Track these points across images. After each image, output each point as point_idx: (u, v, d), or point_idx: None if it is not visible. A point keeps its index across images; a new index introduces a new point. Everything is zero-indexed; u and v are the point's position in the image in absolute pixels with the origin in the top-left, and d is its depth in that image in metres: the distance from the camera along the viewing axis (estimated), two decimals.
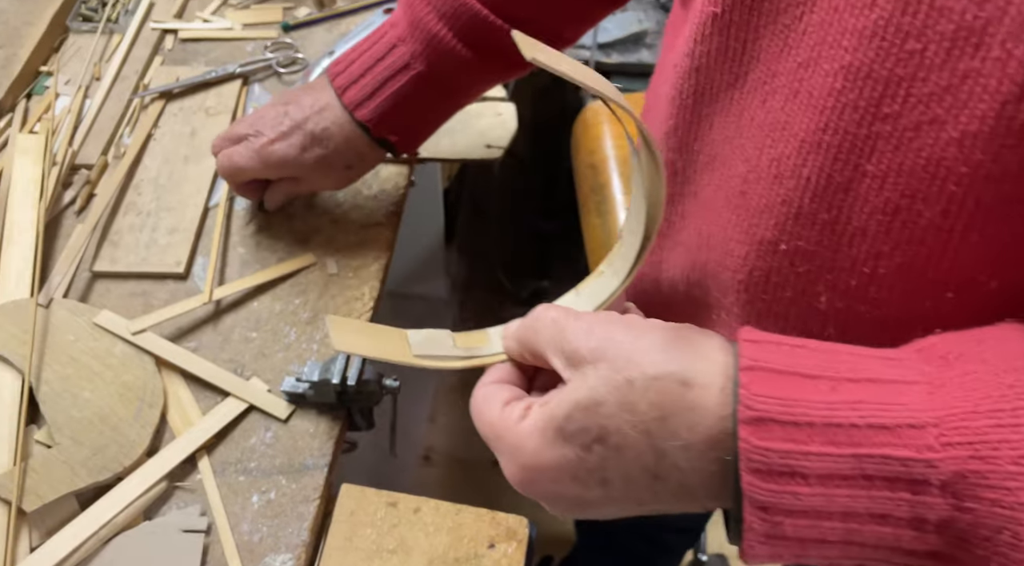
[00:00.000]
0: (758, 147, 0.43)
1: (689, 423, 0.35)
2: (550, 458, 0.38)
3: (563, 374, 0.40)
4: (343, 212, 0.85)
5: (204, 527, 0.63)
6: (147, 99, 0.93)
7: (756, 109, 0.43)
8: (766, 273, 0.45)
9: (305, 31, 1.03)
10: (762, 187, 0.44)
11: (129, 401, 0.69)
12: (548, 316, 0.42)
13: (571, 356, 0.39)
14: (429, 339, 0.46)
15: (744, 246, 0.46)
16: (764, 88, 0.43)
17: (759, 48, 0.42)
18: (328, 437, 0.69)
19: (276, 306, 0.77)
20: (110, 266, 0.78)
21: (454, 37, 0.66)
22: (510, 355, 0.45)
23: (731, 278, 0.48)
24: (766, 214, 0.44)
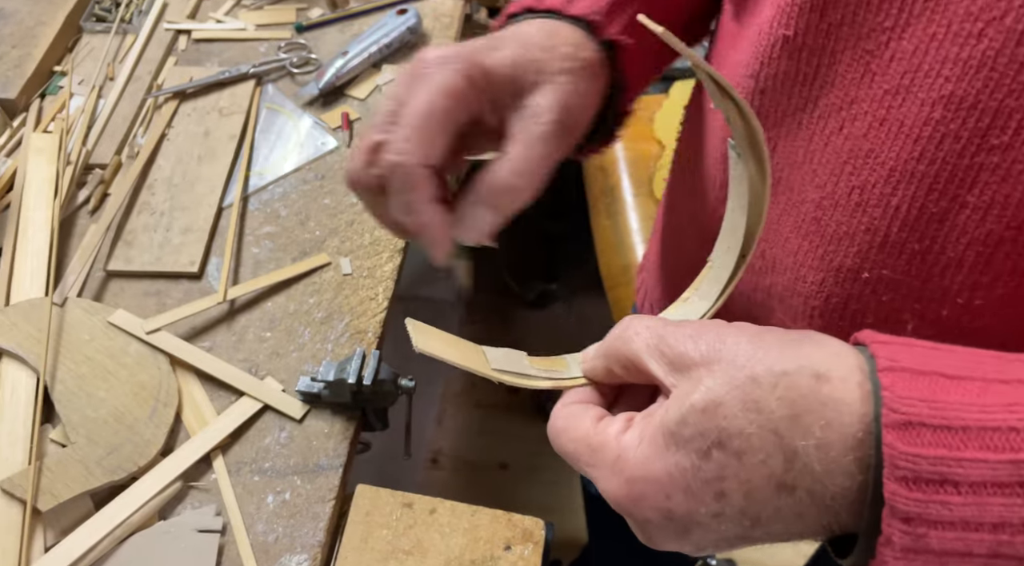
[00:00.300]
0: (835, 174, 0.43)
1: (825, 420, 0.32)
2: (661, 468, 0.34)
3: (665, 381, 0.36)
4: (357, 212, 0.84)
5: (219, 527, 0.63)
6: (161, 99, 0.93)
7: (831, 135, 0.43)
8: (844, 300, 0.44)
9: (318, 32, 1.03)
10: (840, 214, 0.43)
11: (144, 400, 0.68)
12: (641, 324, 0.38)
13: (677, 361, 0.36)
14: (507, 357, 0.44)
15: (819, 272, 0.45)
16: (841, 114, 0.42)
17: (835, 73, 0.41)
18: (343, 437, 0.69)
19: (290, 306, 0.77)
20: (124, 265, 0.78)
21: None
22: (593, 377, 0.42)
23: (803, 304, 0.47)
24: (846, 241, 0.43)
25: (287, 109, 0.94)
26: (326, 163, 0.89)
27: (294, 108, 0.94)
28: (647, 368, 0.37)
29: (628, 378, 0.40)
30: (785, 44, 0.42)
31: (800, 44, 0.42)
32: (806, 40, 0.41)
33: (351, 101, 0.95)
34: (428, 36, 1.04)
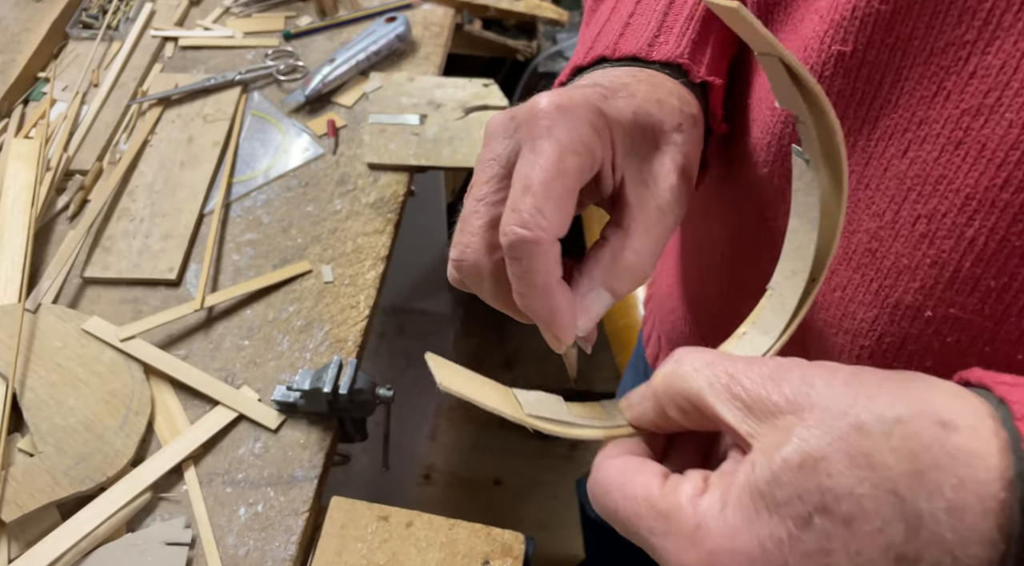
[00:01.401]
0: (896, 201, 0.39)
1: (957, 477, 0.26)
2: (751, 539, 0.28)
3: (739, 429, 0.31)
4: (340, 220, 0.83)
5: (188, 540, 0.61)
6: (145, 105, 0.92)
7: (892, 159, 0.38)
8: (901, 340, 0.40)
9: (306, 39, 1.02)
10: (901, 246, 0.39)
11: (115, 409, 0.67)
12: (699, 358, 0.33)
13: (755, 405, 0.30)
14: (541, 401, 0.39)
15: (872, 309, 0.41)
16: (906, 136, 0.38)
17: (899, 91, 0.37)
18: (319, 448, 0.67)
19: (269, 314, 0.76)
20: (101, 272, 0.77)
21: None
22: (641, 424, 0.37)
23: (850, 342, 0.43)
24: (906, 276, 0.39)
25: (273, 116, 0.93)
26: (310, 170, 0.88)
27: (280, 115, 0.93)
28: (715, 412, 0.31)
29: (686, 424, 0.34)
30: (840, 61, 0.38)
31: (860, 61, 0.38)
32: (867, 56, 0.37)
33: (338, 108, 0.94)
34: (417, 44, 1.03)
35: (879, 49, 0.37)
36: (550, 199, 0.35)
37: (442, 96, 0.95)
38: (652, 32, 0.46)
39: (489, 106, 0.95)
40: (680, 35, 0.45)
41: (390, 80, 0.97)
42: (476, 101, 0.95)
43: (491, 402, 0.37)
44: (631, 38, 0.46)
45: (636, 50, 0.44)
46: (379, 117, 0.92)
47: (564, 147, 0.36)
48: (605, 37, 0.47)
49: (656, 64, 0.44)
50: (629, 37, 0.46)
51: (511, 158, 0.37)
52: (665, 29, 0.46)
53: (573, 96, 0.37)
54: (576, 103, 0.37)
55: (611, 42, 0.46)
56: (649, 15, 0.47)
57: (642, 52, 0.44)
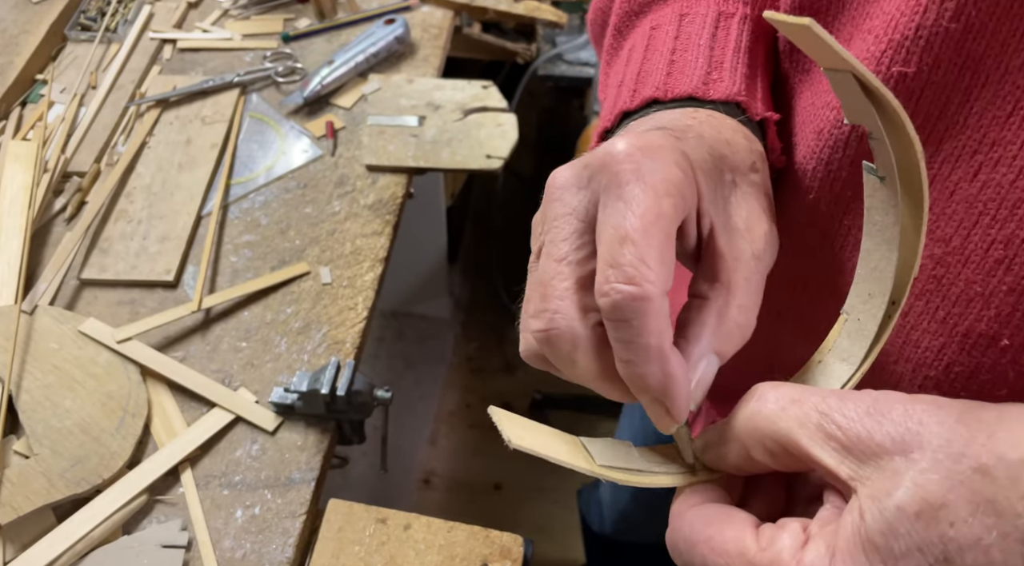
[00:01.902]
0: (965, 226, 0.37)
1: None
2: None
3: (839, 472, 0.28)
4: (339, 221, 0.83)
5: (184, 543, 0.61)
6: (143, 107, 0.92)
7: (960, 182, 0.36)
8: (971, 370, 0.38)
9: (305, 42, 1.02)
10: (971, 272, 0.37)
11: (112, 411, 0.66)
12: (785, 395, 0.31)
13: (855, 446, 0.28)
14: (610, 448, 0.37)
15: (938, 337, 0.39)
16: (976, 159, 0.36)
17: (968, 112, 0.35)
18: (317, 450, 0.67)
19: (267, 315, 0.75)
20: (99, 274, 0.77)
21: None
22: (722, 467, 0.34)
23: (911, 371, 0.41)
24: (978, 303, 0.37)
25: (271, 118, 0.92)
26: (309, 172, 0.88)
27: (278, 117, 0.93)
28: (809, 455, 0.29)
29: (774, 467, 0.31)
30: (902, 82, 0.36)
31: (924, 82, 0.35)
32: (932, 77, 0.35)
33: (337, 110, 0.94)
34: (416, 46, 1.03)
35: (947, 69, 0.35)
36: (652, 248, 0.31)
37: (441, 98, 0.95)
38: (703, 69, 0.42)
39: (488, 108, 0.95)
40: (732, 70, 0.42)
41: (389, 82, 0.97)
42: (475, 103, 0.95)
43: (562, 456, 0.35)
44: (681, 77, 0.42)
45: (691, 89, 0.41)
46: (378, 119, 0.92)
47: (657, 190, 0.32)
48: (651, 77, 0.43)
49: (712, 103, 0.41)
50: (678, 76, 0.43)
51: (590, 211, 0.34)
52: (715, 64, 0.43)
53: (650, 138, 0.34)
54: (657, 145, 0.34)
55: (660, 82, 0.42)
56: (695, 51, 0.43)
57: (698, 91, 0.41)
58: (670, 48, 0.44)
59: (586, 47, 1.51)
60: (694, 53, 0.43)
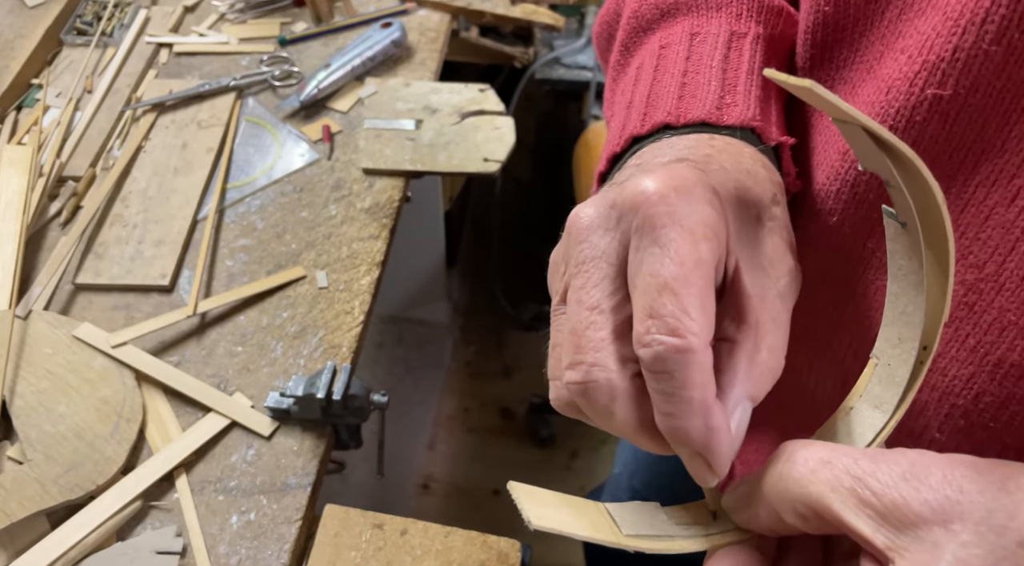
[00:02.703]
0: (1000, 252, 0.35)
1: None
2: None
3: (875, 541, 0.27)
4: (335, 225, 0.82)
5: (179, 549, 0.60)
6: (139, 111, 0.91)
7: (996, 207, 0.35)
8: (1002, 400, 0.37)
9: (302, 45, 1.02)
10: (1005, 300, 0.36)
11: (106, 416, 0.66)
12: (815, 455, 0.29)
13: (892, 514, 0.27)
14: (637, 514, 0.36)
15: (968, 366, 0.38)
16: (1014, 183, 0.34)
17: (1007, 136, 0.34)
18: (313, 455, 0.66)
19: (263, 320, 0.75)
20: (93, 278, 0.76)
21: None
22: (750, 526, 0.33)
23: (938, 400, 0.40)
24: (1011, 332, 0.36)
25: (268, 122, 0.92)
26: (305, 176, 0.87)
27: (275, 121, 0.92)
28: (842, 521, 0.28)
29: (806, 529, 0.30)
30: (936, 105, 0.35)
31: (961, 105, 0.34)
32: (970, 100, 0.34)
33: (333, 114, 0.94)
34: (413, 50, 1.02)
35: (985, 92, 0.34)
36: (693, 297, 0.30)
37: (438, 101, 0.95)
38: (716, 93, 0.41)
39: (485, 111, 0.95)
40: (746, 94, 0.41)
41: (386, 85, 0.96)
42: (472, 106, 0.95)
43: (586, 531, 0.34)
44: (694, 101, 0.41)
45: (705, 115, 0.40)
46: (374, 122, 0.92)
47: (695, 234, 0.30)
48: (662, 101, 0.42)
49: (727, 129, 0.40)
50: (691, 100, 0.41)
51: (621, 254, 0.32)
52: (728, 88, 0.41)
53: (684, 175, 0.32)
54: (691, 183, 0.32)
55: (671, 107, 0.41)
56: (707, 73, 0.42)
57: (712, 117, 0.39)
58: (681, 70, 0.43)
59: (583, 51, 1.51)
60: (706, 75, 0.42)
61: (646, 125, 0.41)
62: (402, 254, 1.56)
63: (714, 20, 0.46)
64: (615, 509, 0.35)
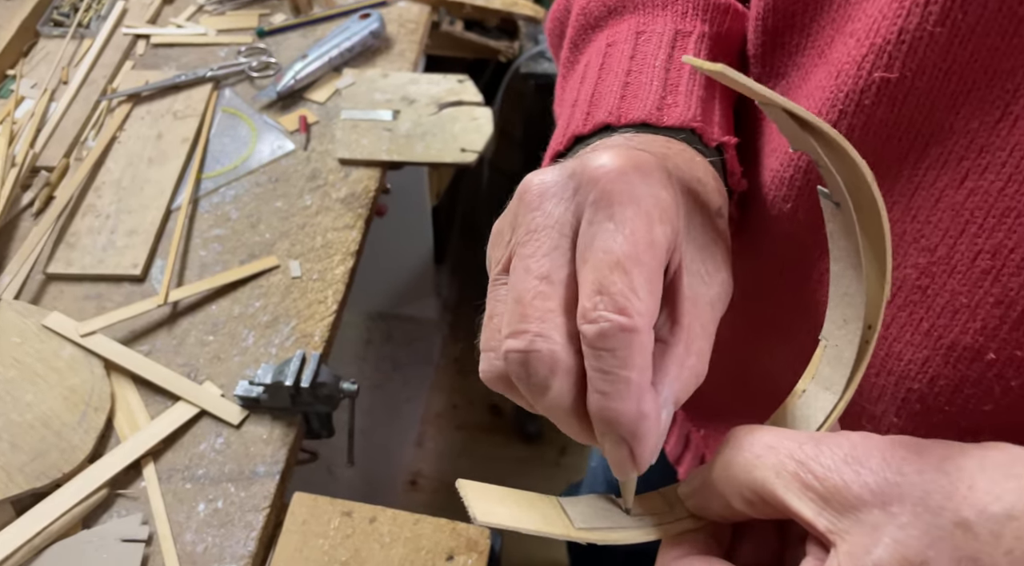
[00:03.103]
0: (951, 235, 0.35)
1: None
2: None
3: (817, 524, 0.27)
4: (310, 215, 0.82)
5: (144, 537, 0.60)
6: (114, 102, 0.91)
7: (946, 189, 0.35)
8: (956, 383, 0.37)
9: (280, 37, 1.01)
10: (957, 283, 0.35)
11: (74, 405, 0.65)
12: (760, 441, 0.29)
13: (833, 497, 0.27)
14: (592, 507, 0.35)
15: (923, 350, 0.37)
16: (962, 165, 0.34)
17: (955, 117, 0.34)
18: (282, 444, 0.66)
19: (235, 309, 0.74)
20: (65, 268, 0.76)
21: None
22: (703, 513, 0.33)
23: (895, 384, 0.40)
24: (964, 315, 0.36)
25: (244, 113, 0.92)
26: (281, 166, 0.87)
27: (251, 112, 0.92)
28: (786, 505, 0.28)
29: (754, 515, 0.30)
30: (884, 88, 0.34)
31: (908, 88, 0.34)
32: (916, 82, 0.34)
33: (310, 104, 0.93)
34: (392, 41, 1.02)
35: (931, 74, 0.33)
36: (643, 278, 0.29)
37: (416, 92, 0.94)
38: (658, 93, 0.40)
39: (463, 102, 0.94)
40: (688, 94, 0.40)
41: (364, 76, 0.96)
42: (450, 97, 0.94)
43: (536, 525, 0.33)
44: (635, 101, 0.40)
45: (645, 115, 0.39)
46: (352, 113, 0.91)
47: (650, 216, 0.30)
48: (604, 100, 0.41)
49: (667, 130, 0.39)
50: (632, 100, 0.40)
51: (574, 226, 0.31)
52: (671, 88, 0.40)
53: (645, 158, 0.31)
54: (652, 166, 0.31)
55: (613, 107, 0.40)
56: (650, 73, 0.41)
57: (652, 117, 0.39)
58: (625, 69, 0.42)
59: None
60: (649, 75, 0.41)
61: (588, 125, 0.40)
62: (389, 250, 1.55)
63: (660, 18, 0.45)
64: (568, 503, 0.35)
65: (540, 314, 0.30)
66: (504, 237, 0.34)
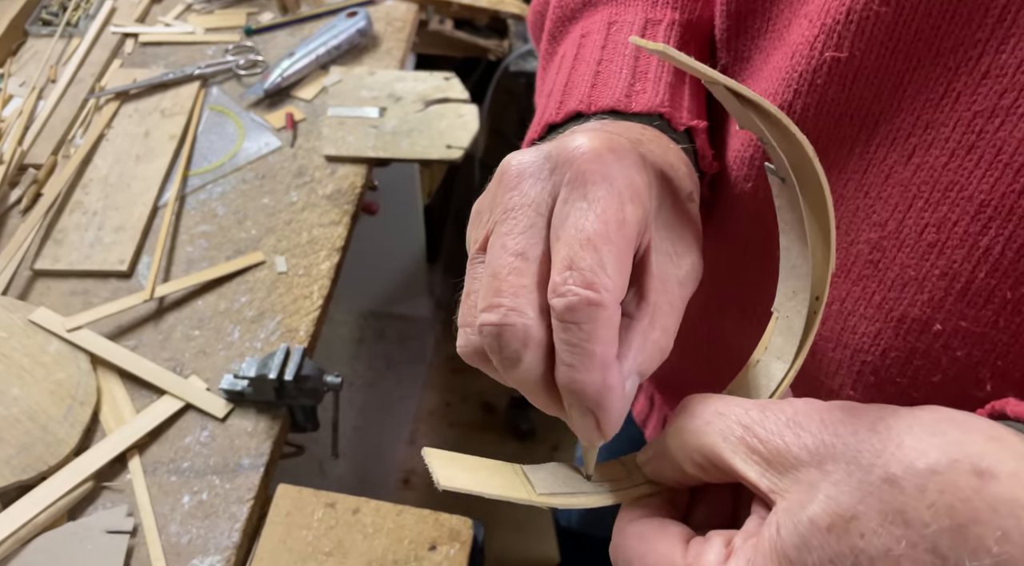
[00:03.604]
0: (900, 210, 0.37)
1: (1001, 530, 0.24)
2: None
3: (760, 485, 0.28)
4: (296, 211, 0.83)
5: (129, 528, 0.60)
6: (102, 100, 0.91)
7: (895, 165, 0.36)
8: (907, 355, 0.38)
9: (268, 35, 1.02)
10: (906, 256, 0.37)
11: (60, 399, 0.66)
12: (709, 408, 0.31)
13: (775, 458, 0.28)
14: (554, 475, 0.36)
15: (875, 323, 0.39)
16: (909, 141, 0.35)
17: (902, 95, 0.35)
18: (267, 436, 0.67)
19: (221, 304, 0.75)
20: (52, 264, 0.76)
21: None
22: (659, 478, 0.34)
23: (850, 357, 0.41)
24: (912, 287, 0.37)
25: (231, 110, 0.92)
26: (268, 163, 0.87)
27: (238, 109, 0.92)
28: (732, 468, 0.29)
29: (706, 478, 0.31)
30: (835, 67, 0.36)
31: (857, 66, 0.35)
32: (865, 62, 0.35)
33: (297, 102, 0.94)
34: (379, 39, 1.03)
35: (879, 53, 0.35)
36: (612, 255, 0.30)
37: (402, 89, 0.95)
38: (627, 80, 0.41)
39: (450, 99, 0.95)
40: (657, 81, 0.41)
41: (350, 74, 0.97)
42: (436, 94, 0.95)
43: (498, 490, 0.34)
44: (605, 89, 0.41)
45: (614, 102, 0.40)
46: (338, 110, 0.92)
47: (622, 195, 0.31)
48: (576, 89, 0.42)
49: (636, 116, 0.40)
50: (602, 88, 0.41)
51: (550, 205, 0.32)
52: (640, 75, 0.41)
53: (619, 141, 0.33)
54: (626, 149, 0.32)
55: (584, 95, 0.41)
56: (620, 61, 0.42)
57: (620, 104, 0.40)
58: (596, 59, 0.43)
59: None
60: (619, 64, 0.42)
61: (560, 113, 0.41)
62: (382, 249, 1.56)
63: (631, 8, 0.46)
64: (531, 470, 0.35)
65: (514, 289, 0.31)
66: (483, 217, 0.35)
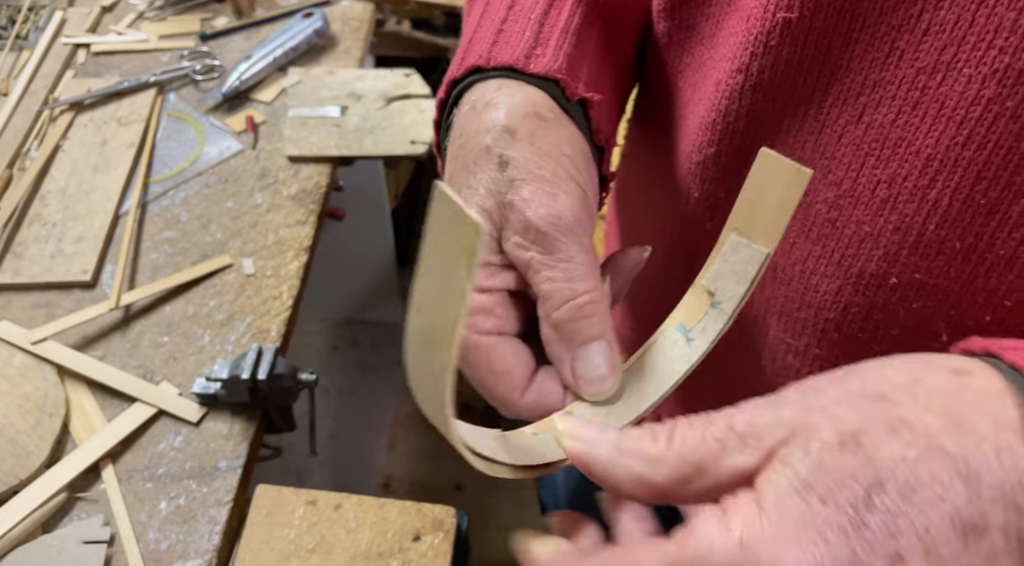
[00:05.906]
0: (854, 168, 0.38)
1: (990, 414, 0.25)
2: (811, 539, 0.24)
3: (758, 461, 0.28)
4: (261, 213, 0.82)
5: (106, 538, 0.59)
6: (56, 111, 0.90)
7: (848, 125, 0.37)
8: (866, 310, 0.39)
9: (223, 40, 1.01)
10: (861, 213, 0.38)
11: (28, 412, 0.65)
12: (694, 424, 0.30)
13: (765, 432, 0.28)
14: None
15: (836, 280, 0.40)
16: (860, 101, 0.36)
17: (850, 55, 0.36)
18: (243, 438, 0.66)
19: (189, 309, 0.74)
20: (12, 278, 0.75)
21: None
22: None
23: (814, 316, 0.42)
24: (868, 243, 0.38)
25: (189, 116, 0.91)
26: (230, 167, 0.86)
27: (197, 114, 0.91)
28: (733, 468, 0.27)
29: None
30: (787, 29, 0.36)
31: (807, 27, 0.36)
32: (814, 22, 0.36)
33: (257, 105, 0.93)
34: (337, 39, 1.02)
35: (827, 13, 0.35)
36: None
37: (363, 87, 0.95)
38: (528, 43, 0.42)
39: (411, 95, 0.95)
40: (557, 48, 0.42)
41: (309, 75, 0.96)
42: (397, 91, 0.95)
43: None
44: (505, 47, 0.42)
45: (512, 60, 0.40)
46: (299, 111, 0.91)
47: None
48: (477, 45, 0.42)
49: (531, 77, 0.40)
50: (503, 46, 0.42)
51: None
52: (542, 40, 0.42)
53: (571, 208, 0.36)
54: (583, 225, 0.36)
55: (484, 51, 0.42)
56: (523, 23, 0.43)
57: (519, 63, 0.40)
58: (502, 18, 0.43)
59: None
60: (522, 26, 0.42)
61: (461, 68, 0.42)
62: (351, 255, 1.55)
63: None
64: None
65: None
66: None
